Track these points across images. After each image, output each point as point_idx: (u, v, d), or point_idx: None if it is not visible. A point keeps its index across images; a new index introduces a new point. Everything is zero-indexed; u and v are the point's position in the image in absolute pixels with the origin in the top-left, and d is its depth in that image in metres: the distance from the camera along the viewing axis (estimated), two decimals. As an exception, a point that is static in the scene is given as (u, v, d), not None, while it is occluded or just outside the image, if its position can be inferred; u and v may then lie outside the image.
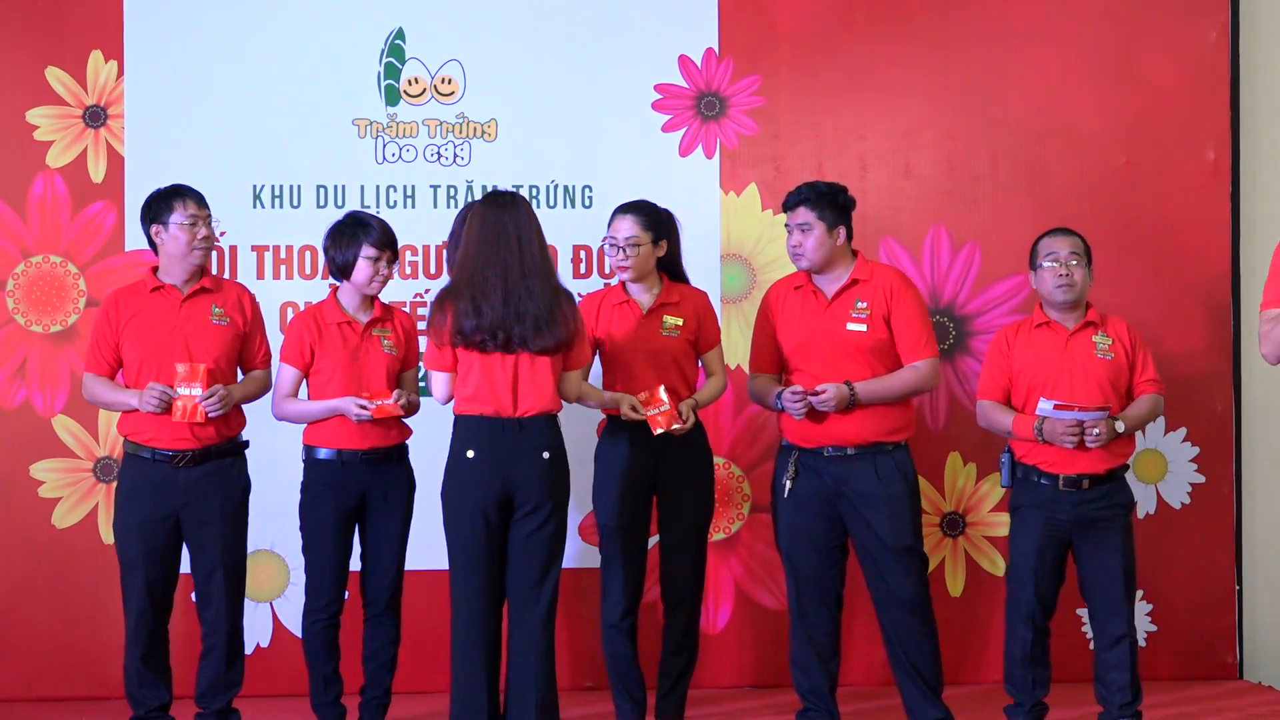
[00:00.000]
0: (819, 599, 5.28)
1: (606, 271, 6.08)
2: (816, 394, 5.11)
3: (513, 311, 4.83)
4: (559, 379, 4.96)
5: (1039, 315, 5.29)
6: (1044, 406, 5.09)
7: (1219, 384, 6.25)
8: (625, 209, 5.38)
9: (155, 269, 5.27)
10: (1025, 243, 5.38)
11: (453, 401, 4.99)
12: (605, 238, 5.40)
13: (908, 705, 5.29)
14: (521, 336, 4.84)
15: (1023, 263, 5.88)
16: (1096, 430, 5.06)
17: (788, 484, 5.23)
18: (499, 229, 4.90)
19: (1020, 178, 6.25)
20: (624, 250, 5.32)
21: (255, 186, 6.11)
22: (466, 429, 4.93)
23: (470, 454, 4.90)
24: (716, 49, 6.20)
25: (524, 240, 4.89)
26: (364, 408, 5.14)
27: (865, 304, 5.25)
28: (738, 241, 6.18)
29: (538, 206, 6.10)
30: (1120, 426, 5.12)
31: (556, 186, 6.17)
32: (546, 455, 4.89)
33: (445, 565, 4.95)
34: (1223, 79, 6.24)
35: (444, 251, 5.67)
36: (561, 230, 6.11)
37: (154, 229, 5.22)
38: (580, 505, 5.67)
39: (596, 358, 5.42)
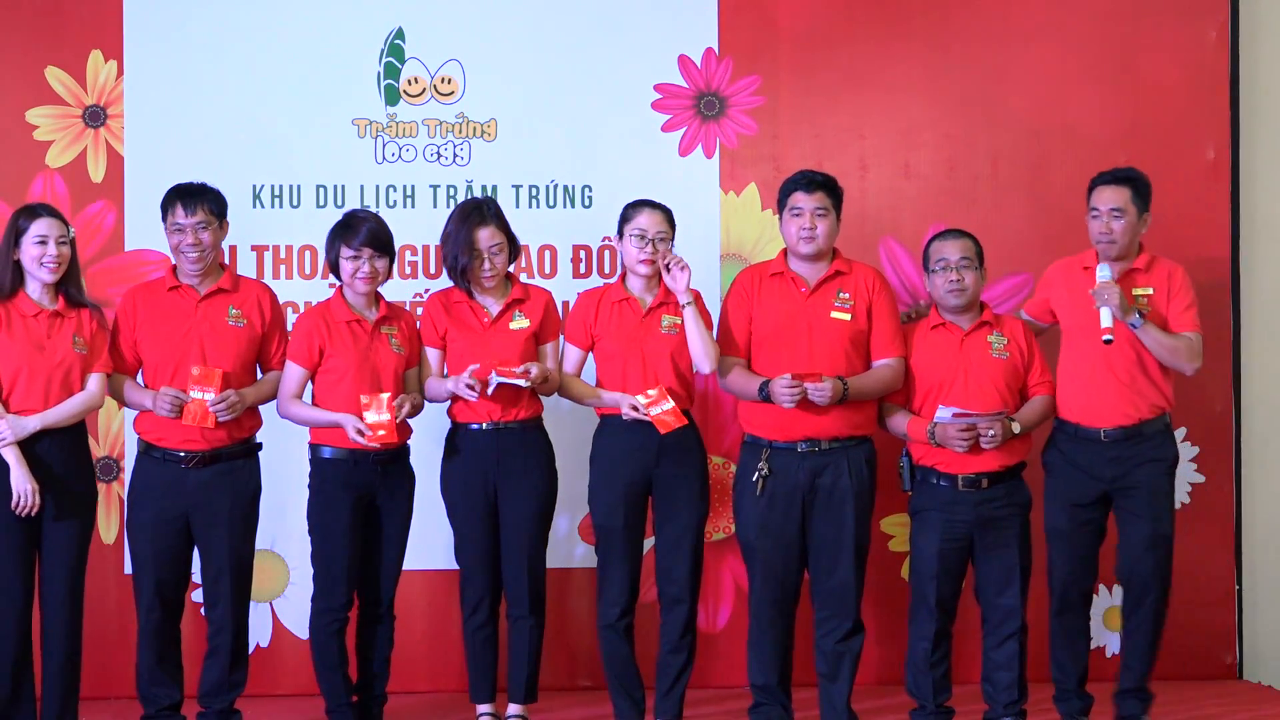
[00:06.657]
0: (782, 596, 5.31)
1: (606, 271, 6.08)
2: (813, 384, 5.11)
3: None
4: None
5: (934, 317, 5.34)
6: (943, 413, 5.13)
7: (1219, 384, 6.25)
8: (649, 203, 5.36)
9: (175, 268, 5.28)
10: (1025, 242, 5.36)
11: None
12: (628, 230, 5.30)
13: (830, 705, 5.34)
14: None
15: (1024, 262, 5.91)
16: (992, 432, 5.11)
17: (759, 481, 5.24)
18: None
19: (1020, 178, 6.25)
20: (655, 244, 5.30)
21: (255, 186, 6.11)
22: None
23: None
24: (716, 49, 6.20)
25: None
26: (361, 433, 5.11)
27: (848, 294, 5.27)
28: (737, 241, 6.18)
29: (537, 206, 6.12)
30: (1016, 428, 5.19)
31: (556, 186, 6.17)
32: None
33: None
34: (1223, 79, 6.24)
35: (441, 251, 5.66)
36: (561, 230, 6.11)
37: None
38: (577, 506, 5.67)
39: (591, 355, 5.43)
